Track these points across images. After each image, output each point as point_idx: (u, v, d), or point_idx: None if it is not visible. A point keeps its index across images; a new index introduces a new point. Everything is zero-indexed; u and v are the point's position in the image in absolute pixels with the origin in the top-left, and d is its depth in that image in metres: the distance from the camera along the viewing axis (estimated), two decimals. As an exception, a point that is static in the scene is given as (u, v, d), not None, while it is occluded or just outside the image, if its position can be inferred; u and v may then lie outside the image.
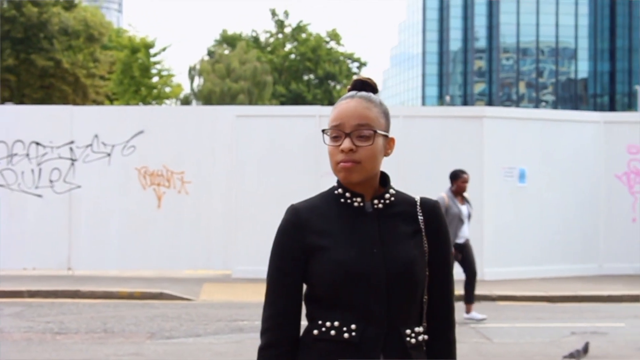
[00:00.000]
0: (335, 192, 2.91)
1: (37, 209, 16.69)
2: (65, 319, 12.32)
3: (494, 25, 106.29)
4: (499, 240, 16.71)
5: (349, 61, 78.61)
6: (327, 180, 15.72)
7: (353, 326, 2.74)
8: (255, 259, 15.77)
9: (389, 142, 2.92)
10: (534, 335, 11.54)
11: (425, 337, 2.87)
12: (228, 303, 13.97)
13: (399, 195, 2.95)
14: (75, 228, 16.68)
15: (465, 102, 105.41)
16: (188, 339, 10.90)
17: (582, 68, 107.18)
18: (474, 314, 12.42)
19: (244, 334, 11.22)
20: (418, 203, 2.93)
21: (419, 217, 2.90)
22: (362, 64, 79.56)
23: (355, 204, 2.87)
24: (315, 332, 2.80)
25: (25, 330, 11.38)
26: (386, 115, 2.90)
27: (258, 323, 10.18)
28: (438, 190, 12.66)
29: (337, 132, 2.82)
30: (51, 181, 16.75)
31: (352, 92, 2.90)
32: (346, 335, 2.74)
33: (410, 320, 2.82)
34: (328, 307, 2.78)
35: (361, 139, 2.80)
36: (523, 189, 16.94)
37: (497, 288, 15.47)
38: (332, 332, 2.76)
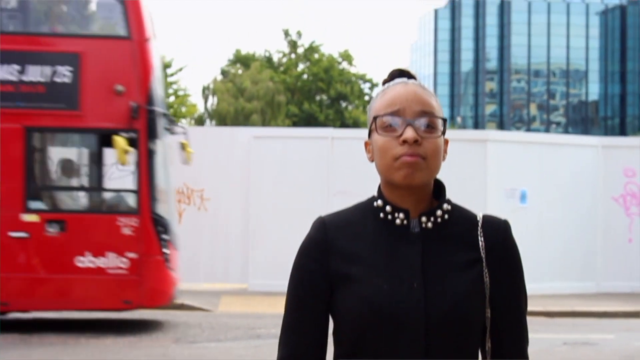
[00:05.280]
0: (375, 204, 2.26)
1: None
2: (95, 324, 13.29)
3: (505, 47, 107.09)
4: (501, 258, 17.44)
5: (360, 82, 79.36)
6: (338, 200, 16.56)
7: None
8: (270, 273, 16.61)
9: (446, 145, 2.25)
10: (528, 344, 12.40)
11: None
12: (246, 314, 14.87)
13: (456, 211, 2.28)
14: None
15: (476, 123, 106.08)
16: (210, 344, 11.87)
17: (593, 90, 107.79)
18: None
19: (262, 340, 12.14)
20: (480, 223, 2.26)
21: (480, 241, 2.23)
22: (374, 85, 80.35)
23: (398, 221, 2.21)
24: None
25: (60, 334, 12.35)
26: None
27: (274, 331, 11.26)
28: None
29: (394, 120, 2.17)
30: (78, 197, 17.63)
31: (401, 79, 2.30)
32: None
33: None
34: (353, 353, 2.18)
35: (426, 130, 2.16)
36: (524, 209, 17.72)
37: (498, 303, 16.21)
38: None
